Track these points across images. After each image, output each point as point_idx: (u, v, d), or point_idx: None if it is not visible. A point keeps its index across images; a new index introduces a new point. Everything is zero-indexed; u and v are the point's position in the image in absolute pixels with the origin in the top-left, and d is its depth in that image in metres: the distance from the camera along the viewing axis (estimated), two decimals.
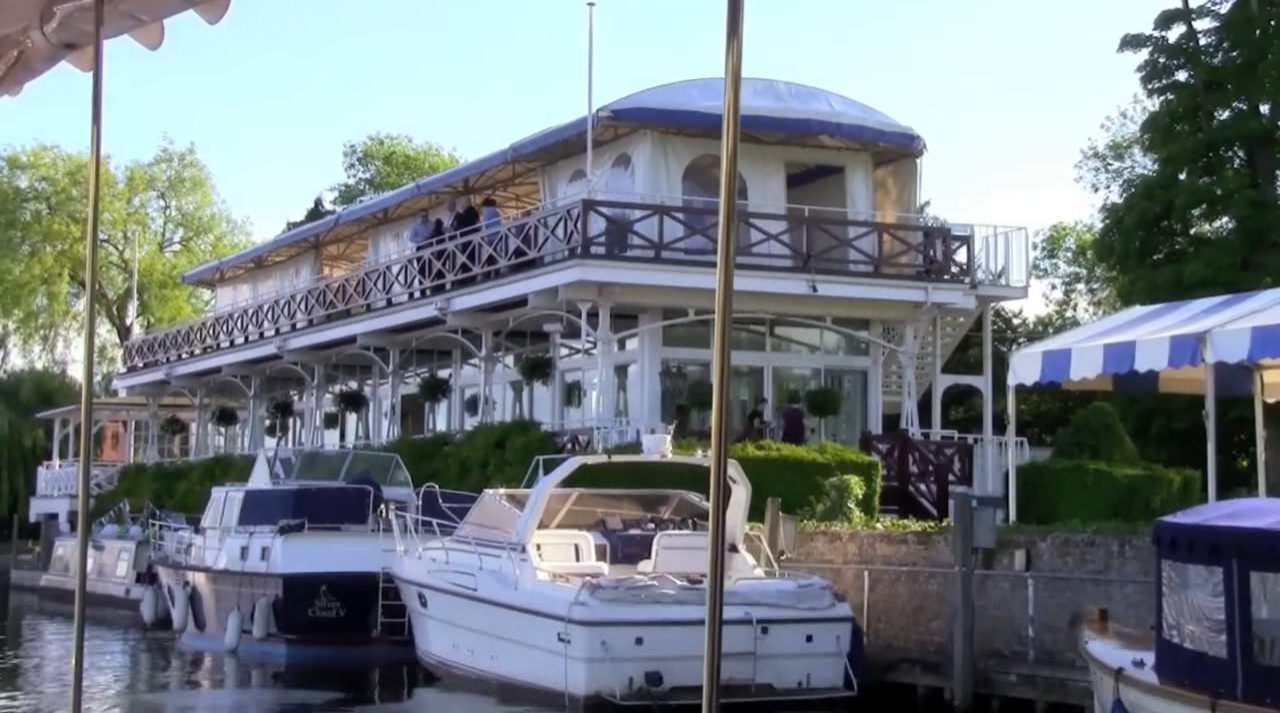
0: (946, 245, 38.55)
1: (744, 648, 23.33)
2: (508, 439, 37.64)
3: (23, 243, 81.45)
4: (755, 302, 37.25)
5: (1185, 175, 49.76)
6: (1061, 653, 22.71)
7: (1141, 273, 49.37)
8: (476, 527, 26.71)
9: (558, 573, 25.18)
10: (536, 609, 24.05)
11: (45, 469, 64.94)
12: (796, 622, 23.75)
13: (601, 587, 23.46)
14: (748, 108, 38.18)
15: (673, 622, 23.24)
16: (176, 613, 34.48)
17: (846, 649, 23.95)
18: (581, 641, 23.14)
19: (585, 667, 23.11)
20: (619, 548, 26.64)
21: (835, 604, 24.13)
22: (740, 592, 23.94)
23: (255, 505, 32.33)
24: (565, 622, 23.30)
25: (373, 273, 45.54)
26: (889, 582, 25.94)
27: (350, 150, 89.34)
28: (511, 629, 24.72)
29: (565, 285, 36.37)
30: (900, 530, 26.60)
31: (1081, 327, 28.98)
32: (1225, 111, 50.07)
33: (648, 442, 25.77)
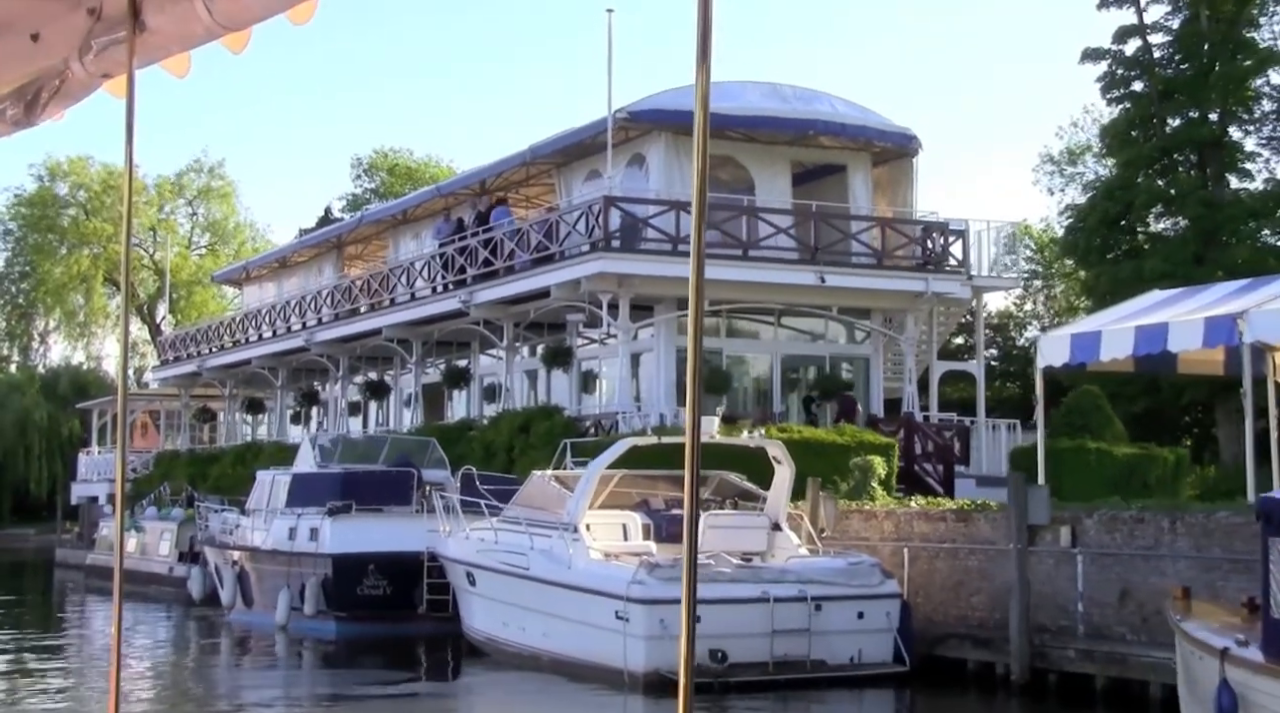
0: (945, 239, 36.40)
1: (798, 625, 21.12)
2: (532, 424, 35.38)
3: (61, 246, 78.85)
4: (764, 292, 35.11)
5: (1141, 178, 48.30)
6: (1110, 628, 20.57)
7: (1104, 268, 47.86)
8: (524, 508, 24.39)
9: (609, 552, 22.92)
10: (593, 588, 21.77)
11: (85, 455, 62.33)
12: (848, 598, 21.51)
13: (659, 565, 21.17)
14: (756, 109, 36.06)
15: (730, 600, 21.02)
16: (225, 591, 31.96)
17: (896, 625, 21.73)
18: (640, 619, 20.88)
19: (644, 644, 20.84)
20: (663, 527, 24.34)
21: (884, 581, 21.91)
22: (793, 569, 21.74)
23: (303, 488, 29.86)
24: (624, 600, 21.02)
25: (397, 269, 43.19)
26: (927, 558, 23.71)
27: (357, 162, 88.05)
28: (565, 608, 22.43)
29: (587, 277, 34.17)
30: (938, 508, 24.36)
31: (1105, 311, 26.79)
32: (1178, 119, 48.60)
33: None
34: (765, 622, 20.89)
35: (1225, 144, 48.15)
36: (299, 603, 28.64)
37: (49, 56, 4.00)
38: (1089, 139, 60.79)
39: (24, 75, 4.18)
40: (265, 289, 56.34)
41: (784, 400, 36.88)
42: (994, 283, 38.61)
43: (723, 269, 34.64)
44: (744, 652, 20.85)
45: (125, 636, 34.06)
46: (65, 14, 3.87)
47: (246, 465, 48.47)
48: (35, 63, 4.06)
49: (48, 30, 3.92)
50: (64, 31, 3.91)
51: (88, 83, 4.05)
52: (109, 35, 3.82)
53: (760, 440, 23.67)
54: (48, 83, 4.15)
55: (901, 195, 38.34)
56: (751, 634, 20.90)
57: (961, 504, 24.54)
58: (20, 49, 3.97)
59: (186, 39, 3.74)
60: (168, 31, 3.72)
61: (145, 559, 41.05)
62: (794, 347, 37.79)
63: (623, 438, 24.43)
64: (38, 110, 4.29)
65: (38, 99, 4.24)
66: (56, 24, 3.91)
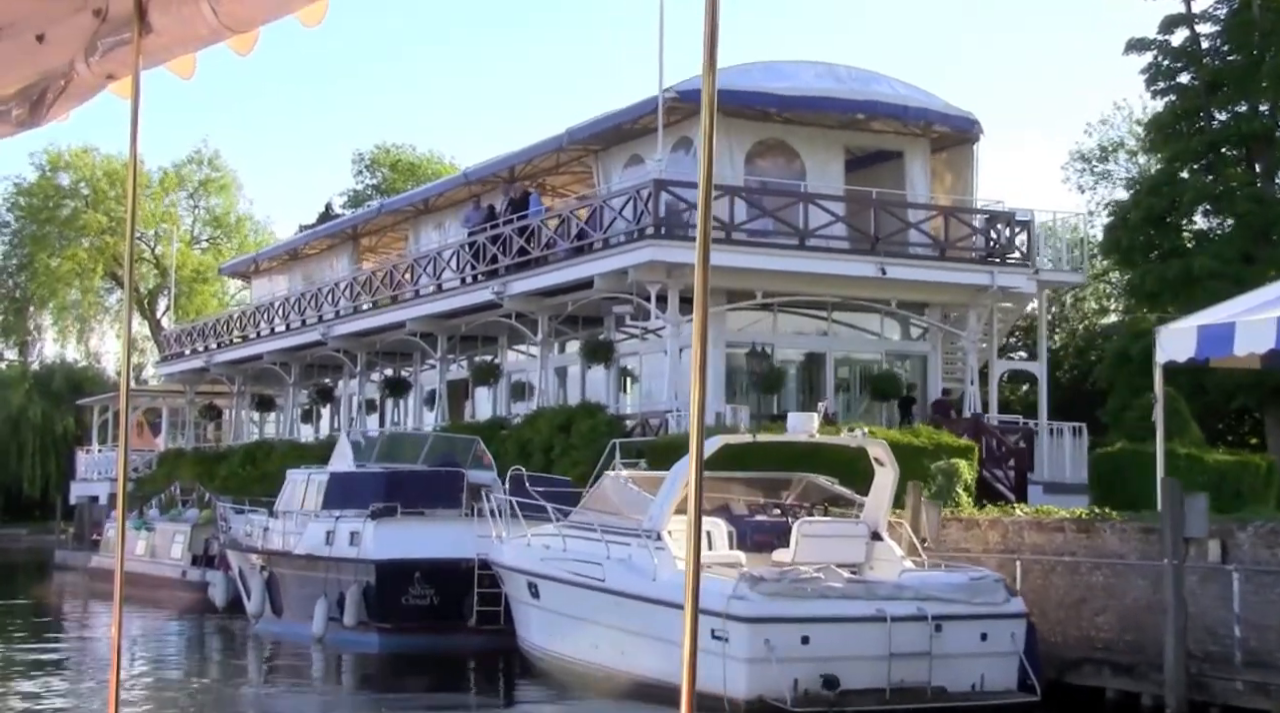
0: (1011, 229, 33.89)
1: (918, 648, 18.51)
2: (573, 423, 32.80)
3: (60, 238, 76.00)
4: (818, 284, 32.61)
5: (1187, 174, 46.00)
6: (1273, 655, 18.01)
7: (1150, 267, 45.37)
8: (595, 513, 21.79)
9: None
10: (683, 603, 19.16)
11: (85, 454, 59.54)
12: (970, 618, 18.89)
13: (763, 578, 18.59)
14: (809, 89, 33.57)
15: (842, 618, 18.47)
16: (253, 599, 29.09)
17: (1021, 648, 19.15)
18: (742, 638, 18.29)
19: (746, 668, 18.24)
20: (748, 535, 21.76)
21: (1009, 599, 19.28)
22: (909, 585, 19.15)
23: (341, 488, 27.06)
24: (722, 617, 18.42)
25: (422, 259, 40.53)
26: (1041, 573, 21.14)
27: (358, 158, 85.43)
28: (649, 624, 19.82)
29: (635, 267, 31.64)
30: (1054, 517, 21.79)
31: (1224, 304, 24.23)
32: (1226, 112, 46.27)
33: (793, 421, 20.87)
34: (881, 644, 18.32)
35: (1276, 138, 45.64)
36: (337, 613, 25.98)
37: (54, 57, 3.99)
38: (1121, 136, 58.41)
39: (29, 76, 4.14)
40: (275, 282, 53.70)
41: (837, 399, 34.39)
42: (1061, 277, 36.11)
43: (776, 259, 32.23)
44: (858, 677, 18.28)
45: (137, 646, 31.57)
46: (71, 15, 3.83)
47: (257, 465, 45.89)
48: (41, 63, 4.04)
49: (53, 31, 3.88)
50: (69, 32, 3.88)
51: (93, 84, 4.02)
52: (114, 36, 3.77)
53: (862, 440, 21.11)
54: (53, 83, 4.12)
55: (961, 183, 35.86)
56: (866, 658, 18.34)
57: (1081, 512, 21.95)
58: (26, 50, 3.93)
59: (192, 41, 3.68)
60: (173, 33, 3.64)
61: (156, 563, 38.36)
62: (847, 343, 35.29)
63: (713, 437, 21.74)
64: (43, 111, 4.23)
65: (43, 99, 4.19)
66: (62, 25, 3.86)
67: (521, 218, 36.09)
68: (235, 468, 46.73)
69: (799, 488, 22.76)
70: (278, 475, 43.37)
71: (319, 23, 3.52)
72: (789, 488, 23.00)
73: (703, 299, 2.79)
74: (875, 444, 21.12)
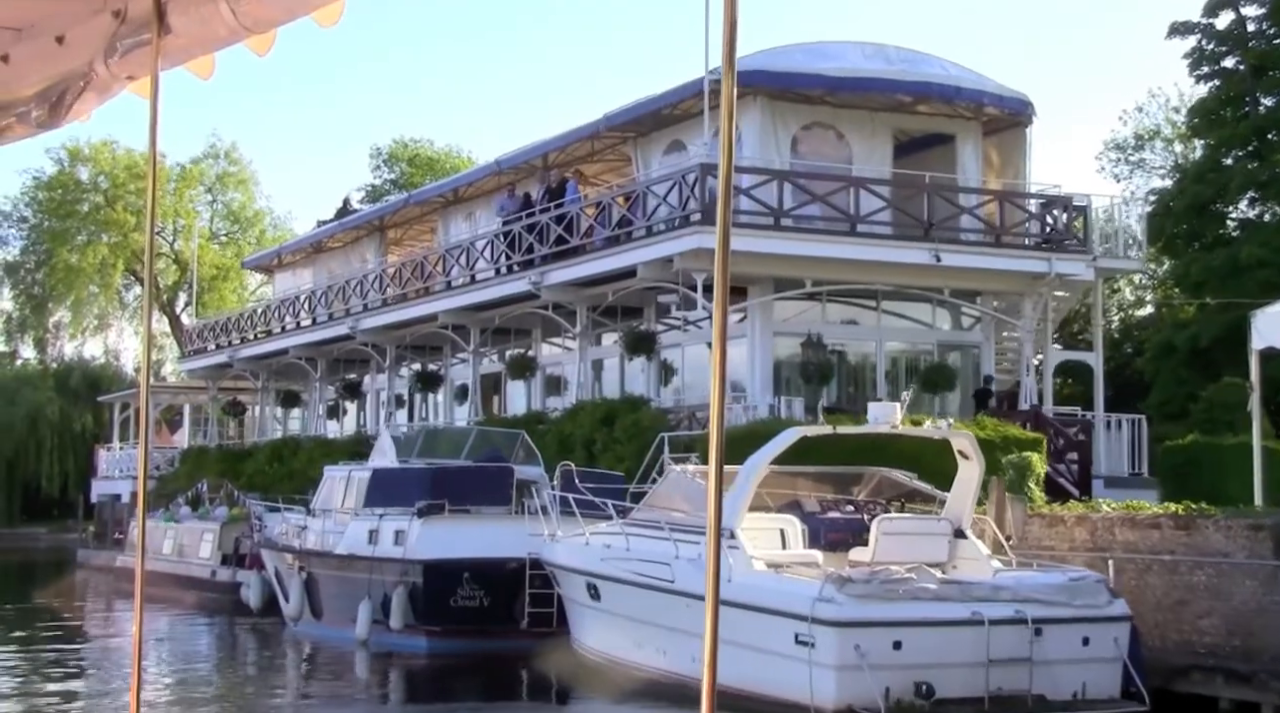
0: (1068, 214, 32.45)
1: (1017, 653, 17.12)
2: (616, 416, 31.41)
3: (79, 233, 74.56)
4: (865, 272, 31.19)
5: (1232, 160, 44.52)
6: None
7: (1195, 257, 43.89)
8: (660, 510, 20.41)
9: (772, 562, 18.97)
10: (764, 606, 17.78)
11: (106, 451, 58.16)
12: (1071, 621, 17.49)
13: (851, 579, 17.20)
14: (858, 70, 32.14)
15: (936, 622, 17.09)
16: (291, 600, 27.59)
17: (1125, 653, 17.76)
18: (830, 644, 16.91)
19: (835, 676, 16.87)
20: (821, 533, 20.39)
21: (1112, 601, 17.85)
22: (1006, 586, 17.74)
23: (385, 486, 25.61)
24: (807, 621, 17.05)
25: (455, 249, 39.11)
26: (1135, 572, 19.71)
27: (376, 153, 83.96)
28: (725, 628, 18.42)
29: (680, 254, 30.23)
30: (1148, 513, 20.36)
31: None
32: (1273, 96, 44.74)
33: (875, 411, 19.45)
34: (979, 649, 16.93)
35: None
36: (381, 615, 24.59)
37: (74, 59, 3.93)
38: (1157, 124, 56.89)
39: (49, 77, 4.09)
40: (299, 276, 52.26)
41: (889, 391, 32.96)
42: (1119, 264, 34.62)
43: (826, 246, 30.85)
44: (954, 685, 16.91)
45: (166, 648, 30.24)
46: (90, 16, 3.79)
47: (284, 462, 44.60)
48: (60, 65, 3.99)
49: (73, 33, 3.85)
50: (89, 34, 3.83)
51: (112, 84, 3.95)
52: (134, 37, 3.73)
53: (947, 431, 19.74)
54: (72, 84, 4.08)
55: (1012, 169, 34.41)
56: (963, 664, 16.96)
57: (1173, 508, 20.50)
58: (46, 51, 3.91)
59: (211, 41, 3.63)
60: (192, 33, 3.59)
61: (184, 562, 37.01)
62: (897, 333, 33.87)
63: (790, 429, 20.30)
64: (62, 112, 4.19)
65: (62, 100, 4.15)
66: (82, 26, 3.83)
67: (559, 206, 34.72)
68: (261, 465, 45.43)
69: (872, 483, 21.38)
70: (305, 473, 42.14)
71: (335, 23, 3.46)
72: (860, 483, 21.61)
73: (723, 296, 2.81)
74: (960, 436, 19.73)
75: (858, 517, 20.73)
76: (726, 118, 2.77)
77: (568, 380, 38.41)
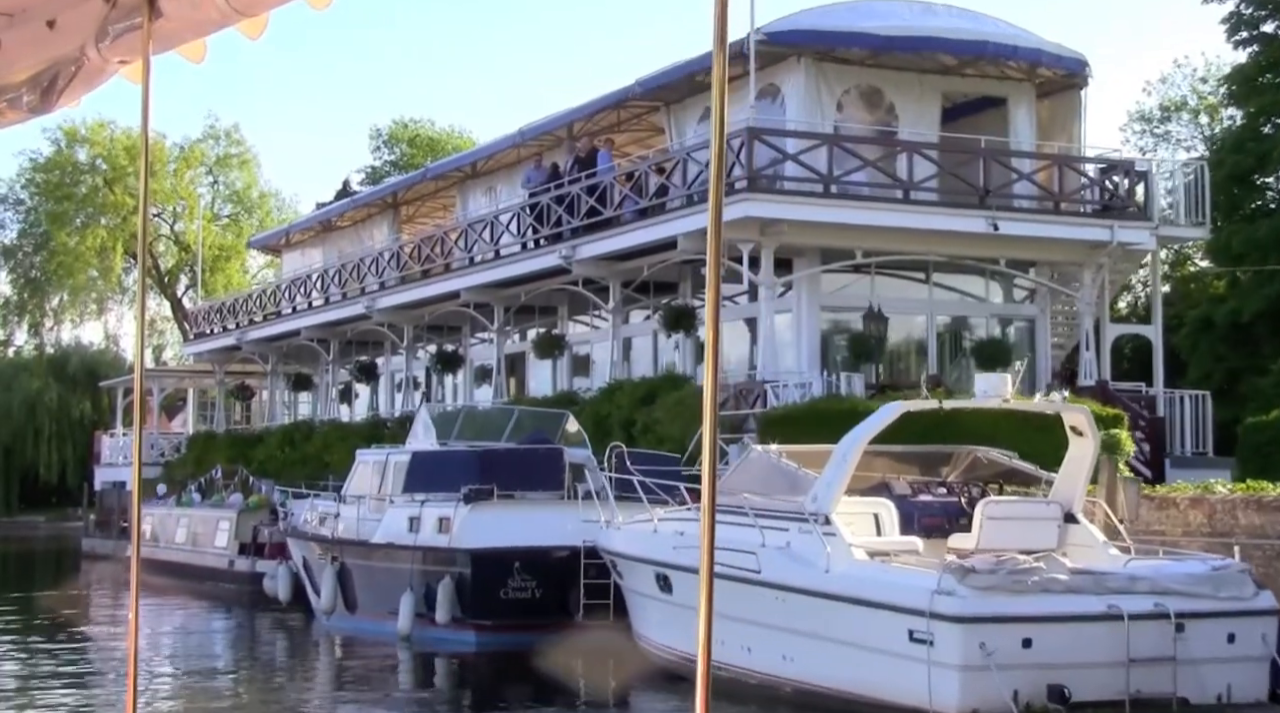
0: (1130, 180, 30.52)
1: (1159, 652, 15.20)
2: (658, 395, 29.44)
3: (78, 215, 72.30)
4: (917, 241, 29.20)
5: (1271, 129, 42.70)
6: None
7: (1235, 229, 41.99)
8: (738, 494, 18.45)
9: (871, 550, 17.03)
10: (872, 599, 15.87)
11: (109, 438, 56.05)
12: (1216, 616, 15.57)
13: (974, 570, 15.26)
14: (912, 29, 30.15)
15: (1070, 617, 15.18)
16: (323, 593, 25.45)
17: (1273, 651, 15.84)
18: (952, 642, 14.99)
19: (958, 677, 14.95)
20: (914, 517, 18.45)
21: (1258, 593, 15.94)
22: (1143, 576, 15.81)
23: (426, 470, 23.53)
24: (925, 616, 15.14)
25: (477, 223, 37.08)
26: (1263, 560, 17.83)
27: (376, 134, 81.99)
28: (823, 623, 16.54)
29: (727, 223, 28.16)
30: (1275, 495, 18.44)
31: None
32: None
33: (983, 383, 17.53)
34: (1117, 647, 15.03)
35: None
36: (425, 608, 22.61)
37: (65, 43, 3.86)
38: (1183, 95, 54.96)
39: (41, 62, 4.03)
40: (307, 256, 50.18)
41: (940, 366, 31.05)
42: (1180, 232, 32.67)
43: (878, 214, 28.90)
44: (1091, 687, 15.02)
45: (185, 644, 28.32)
46: (81, 1, 3.72)
47: (296, 447, 42.63)
48: (52, 50, 3.92)
49: (64, 17, 3.79)
50: (80, 18, 3.77)
51: (104, 69, 3.89)
52: (125, 22, 3.66)
53: (1060, 405, 17.82)
54: (64, 69, 4.01)
55: (1066, 133, 32.42)
56: (1099, 664, 15.05)
57: None
58: (37, 36, 3.85)
59: (202, 25, 3.57)
60: (183, 18, 3.53)
61: (199, 552, 34.99)
62: (949, 306, 31.93)
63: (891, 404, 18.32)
64: (54, 97, 4.12)
65: (54, 85, 4.08)
66: (73, 11, 3.77)
67: (590, 176, 32.72)
68: (273, 450, 43.45)
69: (965, 462, 19.44)
70: (319, 457, 40.18)
71: (327, 5, 3.38)
72: (950, 463, 19.66)
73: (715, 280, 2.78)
74: (1074, 411, 17.81)
75: (953, 500, 18.82)
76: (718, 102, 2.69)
77: (594, 359, 36.50)
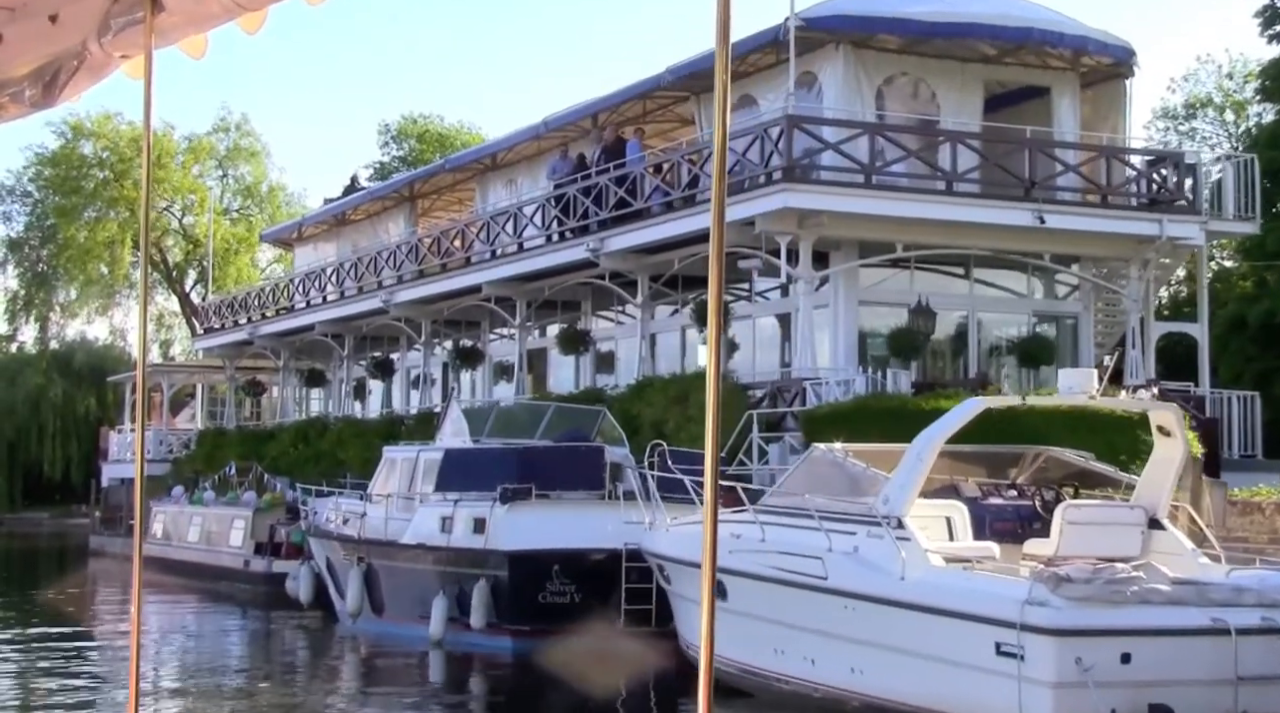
0: (1179, 173, 29.35)
1: (1269, 669, 13.92)
2: (690, 393, 28.22)
3: (86, 209, 70.98)
4: (959, 234, 28.05)
5: None
6: None
7: (1272, 226, 40.80)
8: (800, 496, 17.25)
9: (947, 556, 15.85)
10: (954, 609, 14.69)
11: (117, 434, 54.85)
12: None
13: (1069, 578, 14.06)
14: (953, 14, 29.00)
15: (1173, 630, 13.99)
16: (350, 594, 24.11)
17: None
18: (1046, 656, 13.80)
19: (1052, 695, 13.76)
20: (986, 521, 17.26)
21: None
22: (1250, 587, 14.55)
23: (459, 468, 22.27)
24: (1015, 628, 13.96)
25: (500, 216, 35.89)
26: None
27: (384, 129, 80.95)
28: (898, 634, 15.35)
29: (763, 215, 27.11)
30: None
31: None
32: None
33: (1067, 379, 16.35)
34: (1223, 664, 13.83)
35: None
36: (458, 613, 21.42)
37: (67, 38, 3.86)
38: (1208, 92, 53.84)
39: (43, 56, 4.03)
40: (320, 250, 48.99)
41: (981, 365, 29.91)
42: (1229, 227, 31.50)
43: (920, 206, 27.75)
44: (1196, 707, 13.81)
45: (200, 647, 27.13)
46: None
47: (310, 443, 41.45)
48: (54, 44, 3.92)
49: (66, 12, 3.79)
50: (82, 13, 3.78)
51: (106, 64, 3.90)
52: (127, 16, 3.68)
53: (1148, 402, 16.64)
54: (66, 64, 4.01)
55: (1109, 125, 31.27)
56: (1205, 682, 13.86)
57: None
58: (39, 30, 3.84)
59: (203, 20, 3.58)
60: (185, 12, 3.55)
61: (213, 551, 33.81)
62: (988, 302, 30.77)
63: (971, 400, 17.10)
64: (56, 91, 4.12)
65: (56, 80, 4.08)
66: (75, 5, 3.77)
67: (619, 166, 31.54)
68: (285, 447, 42.26)
69: (1035, 463, 18.25)
70: (333, 455, 38.97)
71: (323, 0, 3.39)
72: (1019, 464, 18.48)
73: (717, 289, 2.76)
74: (1163, 409, 16.62)
75: (1026, 503, 17.62)
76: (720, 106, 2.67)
77: (618, 355, 35.36)
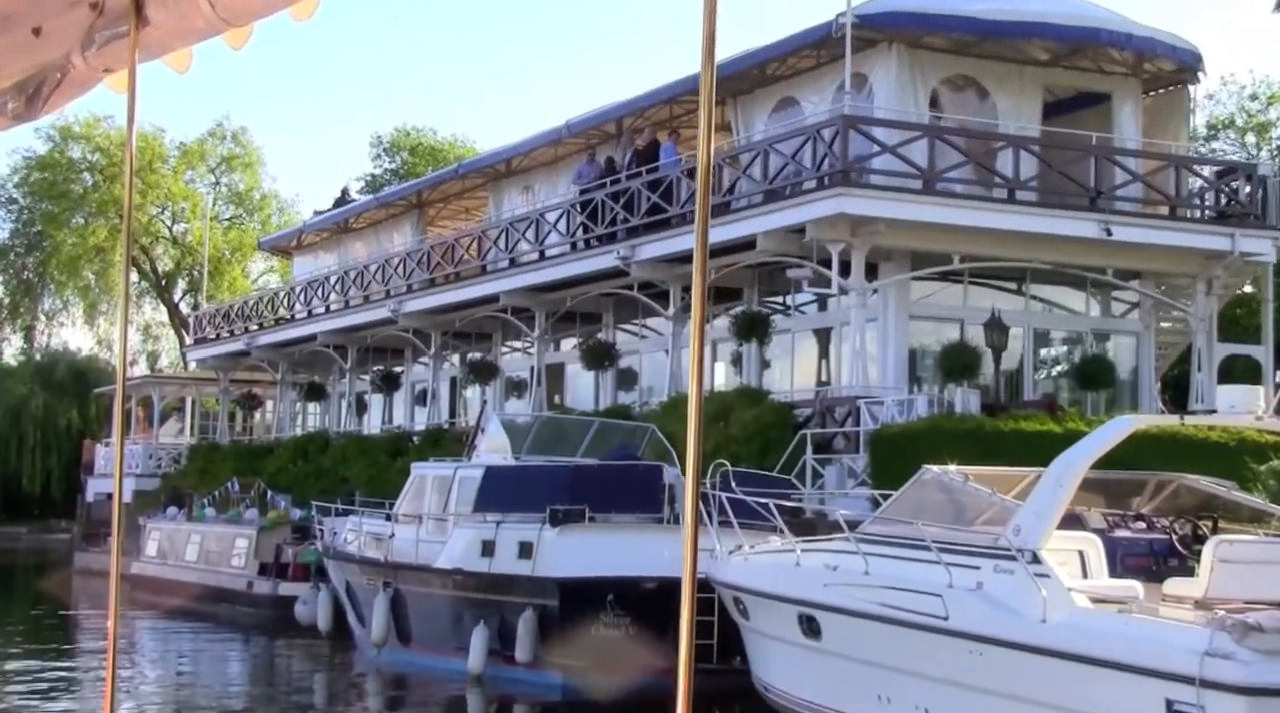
0: (1252, 184, 27.41)
1: None
2: (731, 411, 26.16)
3: (75, 215, 68.48)
4: (1018, 246, 26.06)
5: None
6: None
7: None
8: (908, 523, 15.12)
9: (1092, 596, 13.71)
10: (1111, 659, 12.57)
11: (104, 447, 52.40)
12: None
13: (1258, 627, 11.96)
14: (1013, 12, 27.03)
15: None
16: (375, 622, 21.69)
17: None
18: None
19: None
20: (1117, 555, 15.14)
21: None
22: None
23: (502, 487, 20.02)
24: (1193, 684, 11.85)
25: (520, 223, 33.74)
26: None
27: (377, 142, 78.51)
28: (1036, 685, 13.22)
29: (814, 222, 25.09)
30: None
31: None
32: None
33: (1227, 397, 14.29)
34: None
35: None
36: (499, 644, 19.21)
37: (51, 51, 3.81)
38: (1230, 113, 52.03)
39: (26, 69, 3.97)
40: (321, 259, 46.70)
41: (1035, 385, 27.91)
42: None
43: (979, 215, 25.79)
44: None
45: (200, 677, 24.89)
46: (67, 9, 3.66)
47: (309, 459, 39.17)
48: (37, 57, 3.87)
49: (50, 24, 3.72)
50: (66, 26, 3.71)
51: (89, 77, 3.84)
52: (111, 30, 3.60)
53: None
54: (49, 77, 3.95)
55: (1170, 133, 29.33)
56: None
57: None
58: (22, 43, 3.77)
59: (188, 34, 3.51)
60: (170, 26, 3.47)
61: (213, 571, 31.49)
62: (1044, 319, 28.80)
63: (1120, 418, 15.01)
64: (39, 104, 4.05)
65: (39, 93, 4.02)
66: (59, 18, 3.70)
67: (651, 171, 29.47)
68: (284, 463, 39.98)
69: (1163, 492, 16.17)
70: (335, 471, 36.72)
71: (310, 16, 3.34)
72: (1143, 491, 16.38)
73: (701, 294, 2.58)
74: None
75: (1160, 536, 15.51)
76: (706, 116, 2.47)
77: (642, 370, 33.26)
